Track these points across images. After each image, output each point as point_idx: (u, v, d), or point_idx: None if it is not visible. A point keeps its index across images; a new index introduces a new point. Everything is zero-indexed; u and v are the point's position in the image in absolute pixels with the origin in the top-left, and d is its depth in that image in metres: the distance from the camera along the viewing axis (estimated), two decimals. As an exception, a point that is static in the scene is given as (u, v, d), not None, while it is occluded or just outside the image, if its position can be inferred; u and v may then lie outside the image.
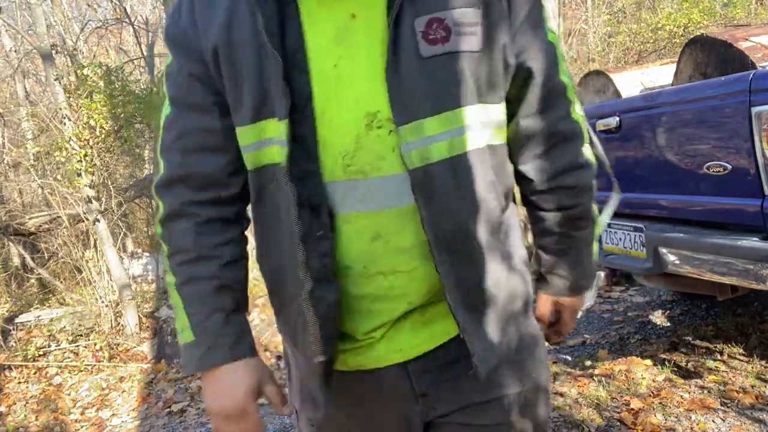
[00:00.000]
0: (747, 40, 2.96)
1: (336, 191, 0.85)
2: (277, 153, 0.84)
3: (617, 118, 2.67)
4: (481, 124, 0.86)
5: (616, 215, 2.77)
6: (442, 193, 0.83)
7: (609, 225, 2.77)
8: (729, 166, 2.17)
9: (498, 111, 0.89)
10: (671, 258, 2.37)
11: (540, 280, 1.09)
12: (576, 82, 4.23)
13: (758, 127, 2.01)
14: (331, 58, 0.82)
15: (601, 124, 2.75)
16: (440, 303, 0.90)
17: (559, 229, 1.02)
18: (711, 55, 3.07)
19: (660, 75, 3.89)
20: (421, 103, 0.82)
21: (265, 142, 0.85)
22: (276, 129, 0.83)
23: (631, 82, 3.77)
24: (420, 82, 0.81)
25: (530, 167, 0.97)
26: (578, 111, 0.97)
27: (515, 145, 0.96)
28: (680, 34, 8.28)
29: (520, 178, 1.00)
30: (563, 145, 0.96)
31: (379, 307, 0.89)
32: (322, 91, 0.83)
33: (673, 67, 3.48)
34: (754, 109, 2.01)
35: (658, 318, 3.49)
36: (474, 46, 0.83)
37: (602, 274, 2.88)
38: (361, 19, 0.82)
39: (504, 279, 0.91)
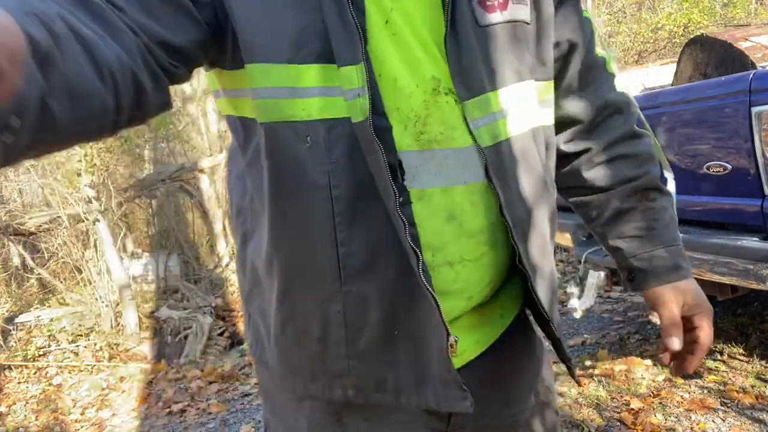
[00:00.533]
0: (747, 40, 2.96)
1: (410, 162, 0.72)
2: (325, 105, 0.70)
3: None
4: (537, 102, 0.80)
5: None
6: (512, 175, 0.76)
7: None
8: (729, 166, 2.17)
9: (549, 89, 0.83)
10: (671, 258, 2.36)
11: (634, 276, 0.90)
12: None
13: (758, 127, 2.01)
14: (383, 11, 0.72)
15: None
16: (492, 301, 0.82)
17: (630, 203, 0.89)
18: (711, 55, 3.07)
19: (660, 75, 3.89)
20: (483, 75, 0.74)
21: (301, 91, 0.70)
22: (332, 76, 0.69)
23: (631, 82, 3.76)
24: (480, 53, 0.73)
25: (584, 139, 0.90)
26: (621, 86, 0.92)
27: (562, 125, 0.89)
28: (680, 34, 8.28)
29: (570, 159, 0.92)
30: (618, 116, 0.90)
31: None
32: (380, 42, 0.71)
33: (673, 67, 3.48)
34: (754, 109, 2.01)
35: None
36: (527, 16, 0.77)
37: (602, 274, 2.88)
38: None
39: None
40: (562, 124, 0.90)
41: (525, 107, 0.78)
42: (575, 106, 0.89)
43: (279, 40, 0.69)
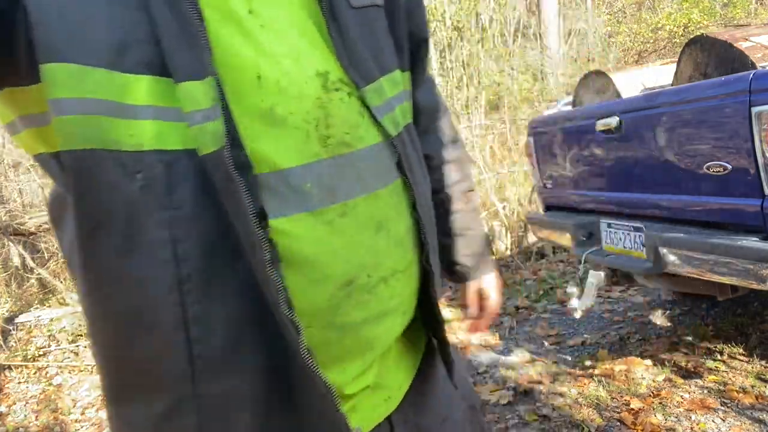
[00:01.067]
0: (747, 40, 2.96)
1: (323, 173, 0.61)
2: (161, 131, 0.53)
3: (617, 118, 2.67)
4: (405, 92, 0.76)
5: (617, 215, 2.77)
6: (415, 167, 0.72)
7: (609, 225, 2.77)
8: (729, 166, 2.17)
9: (408, 79, 0.79)
10: (671, 258, 2.37)
11: (457, 271, 0.96)
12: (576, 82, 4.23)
13: (758, 127, 2.01)
14: (241, 1, 0.59)
15: (601, 124, 2.75)
16: (412, 321, 0.75)
17: (456, 205, 0.92)
18: (711, 55, 3.07)
19: (660, 75, 3.89)
20: (371, 61, 0.68)
21: (129, 109, 0.52)
22: (168, 94, 0.52)
23: (631, 82, 3.76)
24: (361, 37, 0.67)
25: (425, 143, 0.87)
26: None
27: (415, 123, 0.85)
28: (680, 34, 8.29)
29: None
30: (444, 118, 0.93)
31: (377, 331, 0.66)
32: (249, 38, 0.58)
33: (673, 67, 3.48)
34: (754, 109, 2.01)
35: (658, 318, 3.49)
36: (382, 1, 0.73)
37: (602, 274, 2.88)
38: None
39: None
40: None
41: (403, 96, 0.75)
42: (424, 104, 0.88)
43: (93, 38, 0.51)
